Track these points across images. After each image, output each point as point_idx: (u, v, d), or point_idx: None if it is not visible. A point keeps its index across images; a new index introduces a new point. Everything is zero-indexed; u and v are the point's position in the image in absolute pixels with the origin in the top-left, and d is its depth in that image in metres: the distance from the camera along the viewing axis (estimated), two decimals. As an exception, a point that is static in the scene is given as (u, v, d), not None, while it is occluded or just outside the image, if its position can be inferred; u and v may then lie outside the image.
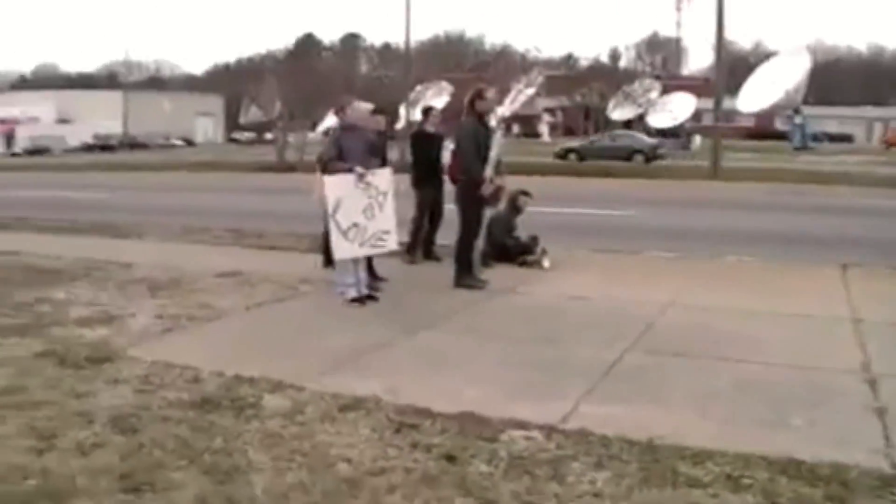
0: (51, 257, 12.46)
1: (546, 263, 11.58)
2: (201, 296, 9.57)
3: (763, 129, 72.55)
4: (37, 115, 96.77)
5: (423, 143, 12.20)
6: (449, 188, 11.24)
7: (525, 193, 12.35)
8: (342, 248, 9.20)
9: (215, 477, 4.51)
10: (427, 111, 12.90)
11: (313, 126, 44.43)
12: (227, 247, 13.84)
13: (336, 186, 9.11)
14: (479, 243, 10.53)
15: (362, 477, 4.52)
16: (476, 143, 9.90)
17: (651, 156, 43.38)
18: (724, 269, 11.45)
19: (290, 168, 37.87)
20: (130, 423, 5.32)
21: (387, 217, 9.28)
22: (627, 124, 64.11)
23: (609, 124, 58.42)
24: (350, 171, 9.10)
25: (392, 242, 9.43)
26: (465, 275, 10.16)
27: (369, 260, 9.86)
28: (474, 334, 7.81)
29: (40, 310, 8.84)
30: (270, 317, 8.61)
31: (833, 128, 75.81)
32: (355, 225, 9.13)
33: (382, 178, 9.29)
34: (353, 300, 9.18)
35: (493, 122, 10.77)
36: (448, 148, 11.44)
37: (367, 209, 9.18)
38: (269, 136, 63.20)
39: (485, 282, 10.18)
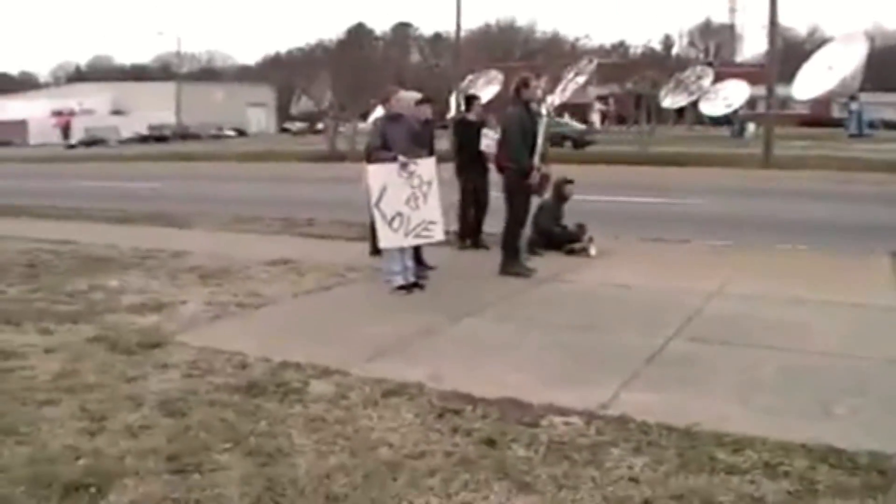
0: (105, 246, 12.74)
1: (593, 251, 11.61)
2: (250, 283, 9.74)
3: (819, 117, 71.43)
4: (92, 106, 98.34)
5: (466, 131, 12.26)
6: (494, 177, 11.28)
7: (569, 181, 12.34)
8: (388, 238, 9.30)
9: (259, 459, 4.62)
10: (470, 99, 13.03)
11: (364, 116, 44.63)
12: (277, 235, 14.05)
13: (379, 175, 9.20)
14: (526, 231, 10.59)
15: (402, 460, 4.60)
16: (522, 132, 9.93)
17: (580, 142, 46.19)
18: (774, 258, 11.38)
19: (341, 157, 38.07)
20: (178, 407, 5.46)
21: (431, 207, 9.31)
22: (680, 112, 63.55)
23: (661, 112, 57.96)
24: (394, 159, 9.15)
25: (438, 233, 9.43)
26: (511, 262, 10.22)
27: (417, 248, 9.94)
28: (518, 321, 7.87)
29: (94, 297, 9.06)
30: (317, 304, 8.74)
31: (891, 115, 74.43)
32: (399, 214, 9.19)
33: (426, 167, 9.30)
34: (400, 287, 9.28)
35: (543, 110, 10.80)
36: (487, 135, 11.53)
37: (411, 199, 9.23)
38: (320, 126, 63.61)
39: (531, 269, 10.23)
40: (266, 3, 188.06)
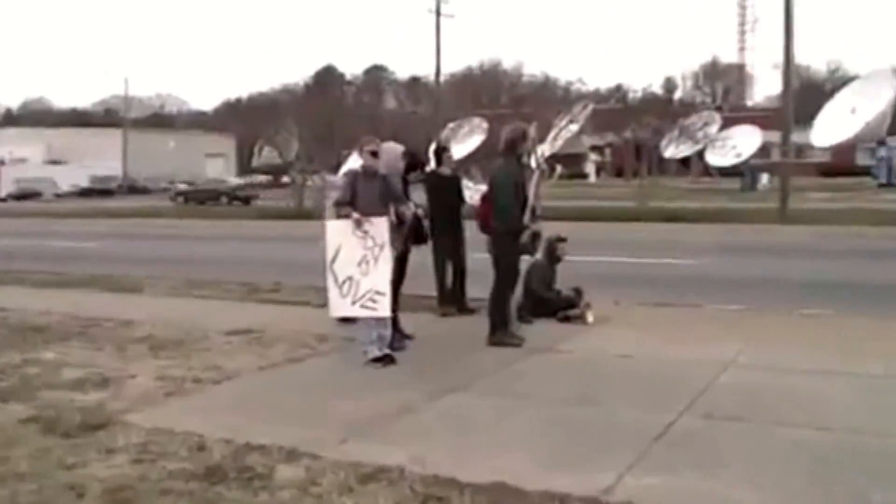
0: (40, 313, 12.67)
1: (590, 318, 11.60)
2: (208, 356, 9.71)
3: (842, 165, 71.84)
4: (25, 155, 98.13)
5: (438, 188, 12.17)
6: (477, 236, 11.31)
7: (562, 240, 12.29)
8: (335, 304, 9.47)
9: (220, 555, 4.58)
10: (440, 152, 12.87)
11: (336, 168, 44.77)
12: (238, 302, 14.08)
13: (336, 232, 9.39)
14: (516, 296, 10.62)
15: (382, 555, 4.57)
16: (515, 188, 10.02)
17: (233, 197, 55.84)
18: (794, 324, 11.44)
19: (308, 215, 38.15)
20: (126, 497, 5.41)
21: (381, 274, 9.29)
22: (685, 162, 63.95)
23: (663, 163, 58.40)
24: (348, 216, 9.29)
25: (384, 307, 9.32)
26: (500, 331, 10.21)
27: (394, 315, 9.93)
28: (509, 396, 7.87)
29: (28, 372, 9.00)
30: (284, 378, 8.73)
31: (924, 161, 75.09)
32: (350, 279, 9.33)
33: (379, 227, 9.28)
34: (375, 360, 9.26)
35: (532, 162, 10.84)
36: (469, 187, 11.58)
37: (363, 261, 9.30)
38: (285, 179, 63.95)
39: (521, 338, 10.25)
40: (225, 44, 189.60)
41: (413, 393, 7.94)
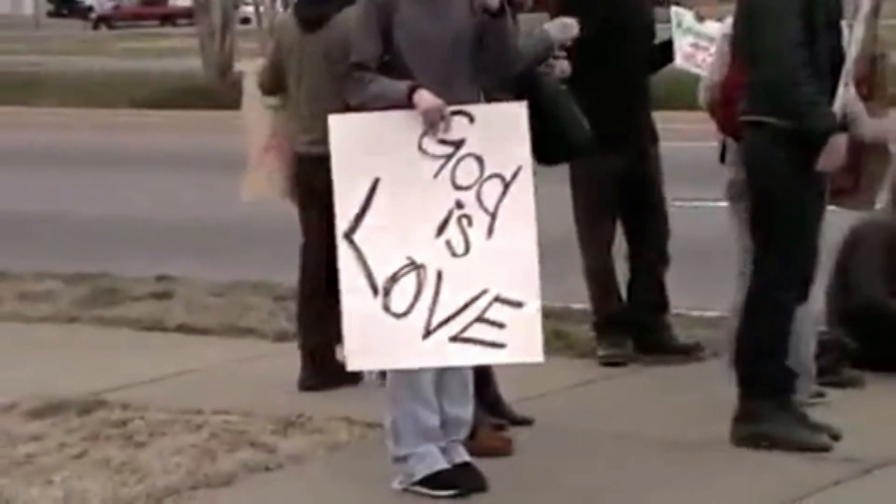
0: None
1: None
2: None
3: None
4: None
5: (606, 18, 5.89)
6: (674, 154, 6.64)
7: None
8: (369, 342, 4.32)
9: None
10: None
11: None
12: (61, 324, 7.80)
13: (363, 146, 4.26)
14: (812, 310, 5.36)
15: None
16: (808, 28, 4.62)
17: None
18: None
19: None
20: None
21: (510, 249, 4.23)
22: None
23: None
24: (409, 100, 4.20)
25: (526, 342, 4.28)
26: (769, 408, 4.85)
27: (484, 369, 4.85)
28: None
29: None
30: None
31: None
32: (415, 268, 4.20)
33: (506, 127, 4.30)
34: (428, 482, 4.41)
35: None
36: (688, 30, 6.21)
37: (452, 223, 4.21)
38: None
39: (835, 436, 4.89)
40: None
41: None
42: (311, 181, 5.63)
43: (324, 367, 5.90)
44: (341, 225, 4.20)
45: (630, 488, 4.57)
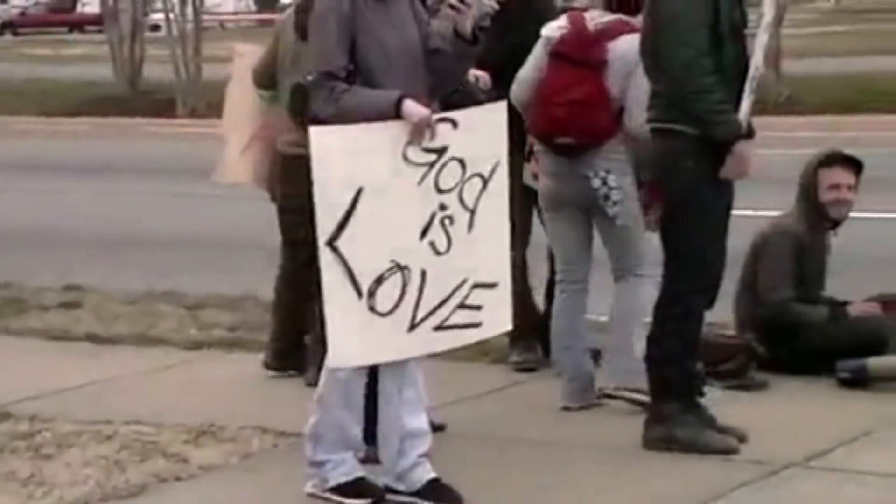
0: None
1: None
2: None
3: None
4: None
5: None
6: None
7: (841, 159, 6.19)
8: (363, 340, 4.26)
9: None
10: None
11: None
12: None
13: (348, 154, 4.15)
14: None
15: None
16: (714, 15, 4.68)
17: None
18: None
19: (170, 106, 26.14)
20: None
21: (487, 240, 4.41)
22: None
23: None
24: (395, 110, 4.13)
25: (499, 315, 4.51)
26: (677, 408, 4.87)
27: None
28: None
29: None
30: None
31: None
32: (399, 268, 4.21)
33: (487, 128, 4.40)
34: (343, 490, 4.38)
35: None
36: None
37: (436, 223, 4.27)
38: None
39: (742, 438, 4.96)
40: None
41: None
42: (288, 180, 5.68)
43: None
44: (323, 234, 4.13)
45: (539, 492, 4.59)
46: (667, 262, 4.92)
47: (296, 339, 6.11)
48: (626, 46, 5.18)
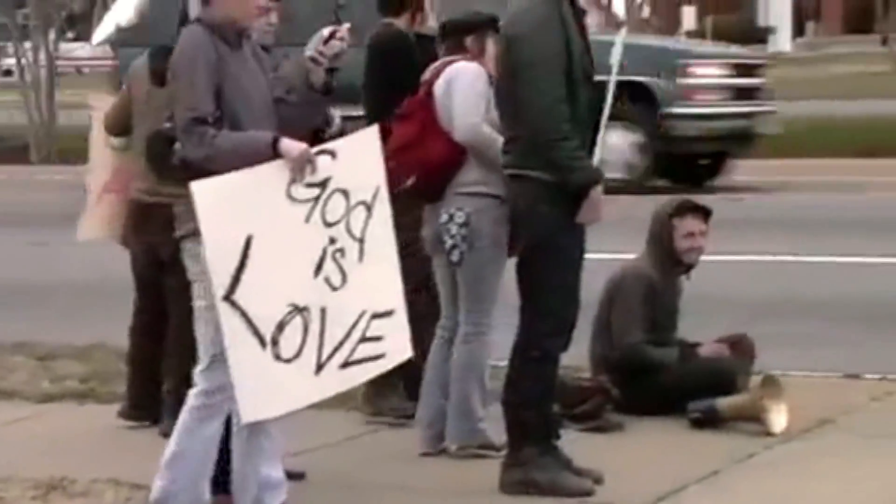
0: None
1: (778, 422, 5.74)
2: None
3: None
4: None
5: (398, 64, 6.03)
6: None
7: (691, 209, 6.31)
8: (270, 389, 4.13)
9: None
10: None
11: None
12: None
13: (232, 205, 4.05)
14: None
15: None
16: (567, 66, 4.73)
17: None
18: None
19: (22, 153, 25.09)
20: None
21: (381, 269, 4.42)
22: None
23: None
24: (272, 149, 4.09)
25: (400, 343, 4.51)
26: (534, 454, 4.89)
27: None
28: None
29: None
30: None
31: None
32: (298, 310, 4.13)
33: (363, 154, 4.43)
34: None
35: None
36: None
37: (328, 259, 4.22)
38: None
39: (597, 480, 4.98)
40: None
41: None
42: (143, 228, 5.64)
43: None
44: (219, 289, 4.02)
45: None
46: (522, 306, 4.93)
47: (152, 389, 5.95)
48: (445, 75, 5.30)
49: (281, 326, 4.09)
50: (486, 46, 5.35)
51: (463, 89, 5.14)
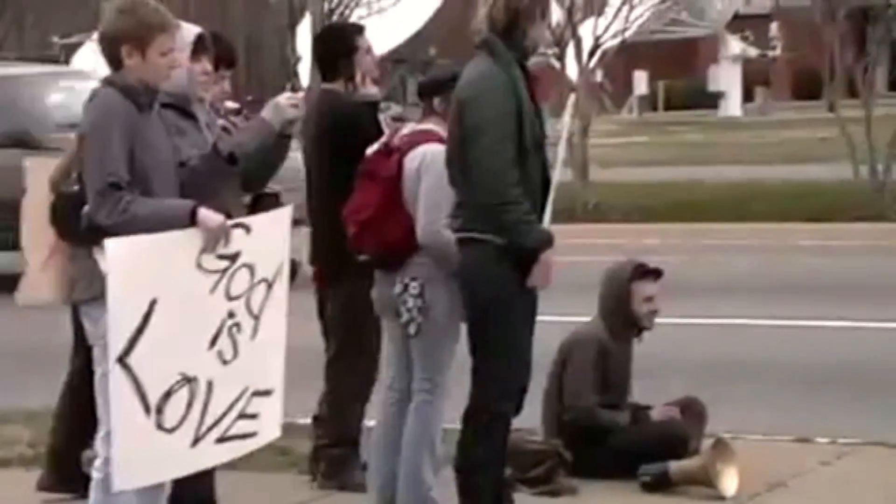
0: None
1: (729, 487, 5.72)
2: None
3: None
4: None
5: (340, 135, 5.87)
6: None
7: (647, 273, 6.34)
8: (142, 460, 4.11)
9: None
10: (346, 36, 6.28)
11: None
12: None
13: (144, 268, 4.04)
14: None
15: None
16: (518, 133, 4.76)
17: None
18: None
19: None
20: None
21: (266, 349, 4.38)
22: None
23: None
24: (193, 221, 4.05)
25: (270, 422, 4.48)
26: None
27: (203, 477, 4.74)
28: None
29: None
30: None
31: None
32: (186, 380, 4.10)
33: (273, 232, 4.43)
34: None
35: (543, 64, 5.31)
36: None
37: (224, 332, 4.21)
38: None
39: None
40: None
41: None
42: None
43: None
44: (114, 350, 3.95)
45: None
46: (474, 370, 4.89)
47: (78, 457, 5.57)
48: (419, 156, 5.15)
49: (168, 395, 4.04)
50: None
51: (430, 188, 5.05)
